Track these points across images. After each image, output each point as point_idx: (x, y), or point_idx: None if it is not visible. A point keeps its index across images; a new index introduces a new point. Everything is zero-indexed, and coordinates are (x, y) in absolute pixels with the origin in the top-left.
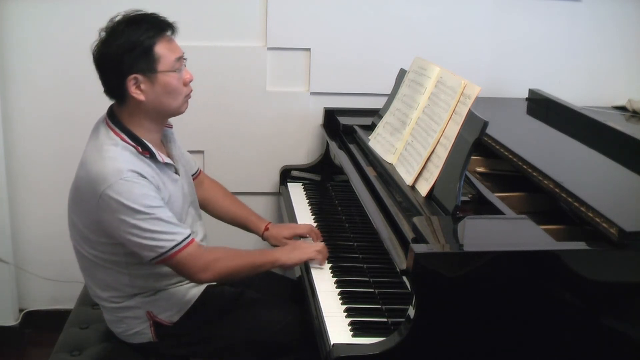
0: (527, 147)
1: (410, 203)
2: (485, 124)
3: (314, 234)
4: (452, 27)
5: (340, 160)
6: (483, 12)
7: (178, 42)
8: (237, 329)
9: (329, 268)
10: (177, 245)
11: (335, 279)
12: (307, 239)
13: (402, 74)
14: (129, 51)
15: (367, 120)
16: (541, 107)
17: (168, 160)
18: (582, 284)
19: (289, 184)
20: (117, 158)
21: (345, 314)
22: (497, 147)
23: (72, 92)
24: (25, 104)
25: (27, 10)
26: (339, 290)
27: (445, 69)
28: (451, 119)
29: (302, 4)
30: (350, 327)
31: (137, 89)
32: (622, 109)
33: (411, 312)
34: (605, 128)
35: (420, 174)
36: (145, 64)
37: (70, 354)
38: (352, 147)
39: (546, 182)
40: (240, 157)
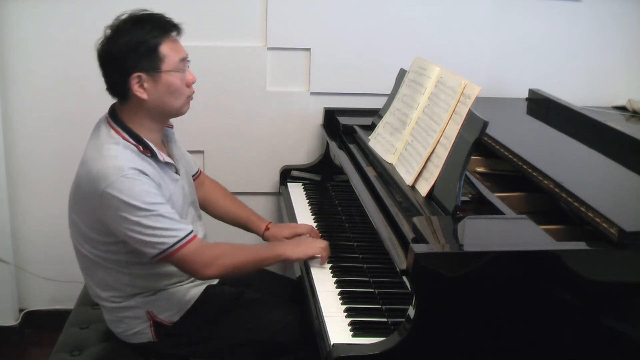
0: (527, 147)
1: (410, 203)
2: (485, 124)
3: (314, 234)
4: (452, 27)
5: (340, 160)
6: (483, 12)
7: None
8: (237, 329)
9: (329, 268)
10: (179, 241)
11: (335, 279)
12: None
13: (402, 74)
14: (133, 49)
15: (367, 120)
16: (541, 107)
17: (169, 160)
18: (582, 284)
19: (289, 184)
20: (118, 156)
21: (345, 314)
22: (497, 147)
23: (72, 92)
24: (25, 104)
25: (27, 10)
26: (339, 290)
27: (445, 69)
28: (451, 119)
29: (302, 4)
30: (350, 327)
31: (140, 87)
32: (622, 109)
33: (411, 312)
34: (605, 128)
35: (420, 174)
36: (150, 62)
37: (70, 354)
38: (352, 147)
39: (546, 182)
40: (240, 157)
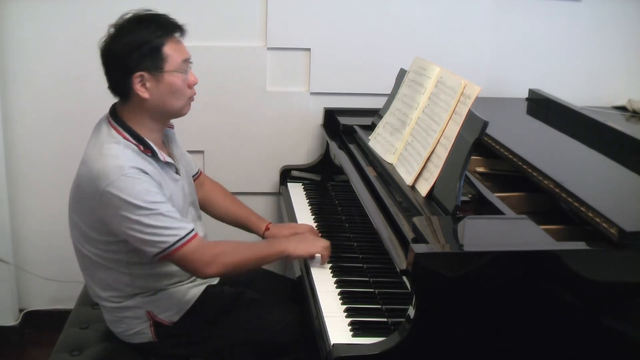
0: (527, 147)
1: (410, 203)
2: (485, 124)
3: (314, 234)
4: (452, 27)
5: (340, 160)
6: (483, 12)
7: None
8: (237, 329)
9: (329, 268)
10: (179, 240)
11: (335, 279)
12: None
13: (402, 74)
14: (137, 48)
15: (367, 120)
16: (541, 107)
17: (169, 160)
18: (582, 284)
19: (289, 184)
20: (118, 155)
21: (345, 314)
22: (497, 147)
23: (72, 92)
24: (25, 104)
25: (27, 10)
26: (339, 290)
27: (445, 69)
28: (451, 119)
29: (302, 4)
30: (350, 327)
31: (142, 86)
32: (622, 109)
33: (411, 312)
34: (605, 128)
35: (420, 174)
36: (153, 62)
37: (70, 354)
38: (352, 147)
39: (546, 182)
40: (240, 157)
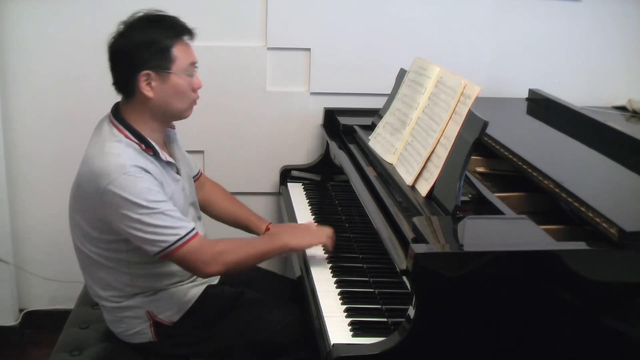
0: (527, 147)
1: (410, 203)
2: (485, 124)
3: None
4: (452, 27)
5: (340, 160)
6: (483, 12)
7: None
8: (237, 329)
9: (329, 268)
10: (180, 239)
11: (335, 279)
12: None
13: (402, 74)
14: (146, 47)
15: (367, 120)
16: (541, 107)
17: (170, 159)
18: (582, 284)
19: (289, 184)
20: (120, 154)
21: (345, 314)
22: (497, 147)
23: (72, 92)
24: (25, 104)
25: (27, 10)
26: (339, 290)
27: (445, 69)
28: (451, 119)
29: (302, 4)
30: (350, 327)
31: (148, 85)
32: (622, 109)
33: (411, 312)
34: (605, 128)
35: (420, 174)
36: (160, 62)
37: (70, 354)
38: (352, 147)
39: (546, 182)
40: (240, 157)
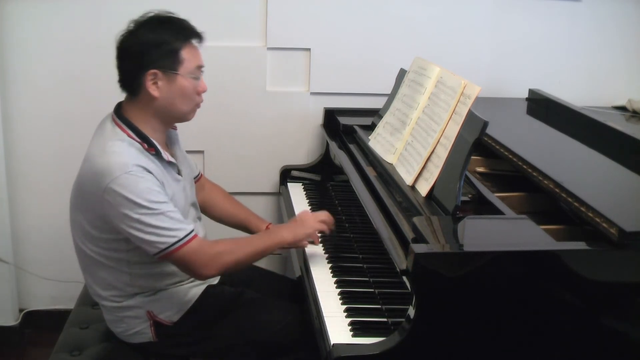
0: (527, 147)
1: (410, 203)
2: (485, 124)
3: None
4: (452, 27)
5: (340, 160)
6: (483, 12)
7: None
8: (237, 329)
9: (329, 268)
10: (178, 241)
11: (335, 279)
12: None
13: (402, 74)
14: (155, 47)
15: (367, 120)
16: (541, 107)
17: (172, 160)
18: (582, 284)
19: (289, 184)
20: (122, 153)
21: (345, 314)
22: (497, 147)
23: (72, 92)
24: (25, 104)
25: (27, 10)
26: (339, 290)
27: (445, 69)
28: (451, 119)
29: (302, 4)
30: (350, 327)
31: (154, 84)
32: (622, 109)
33: (411, 312)
34: (605, 128)
35: (420, 174)
36: (168, 62)
37: (70, 354)
38: (352, 147)
39: (546, 182)
40: (240, 157)
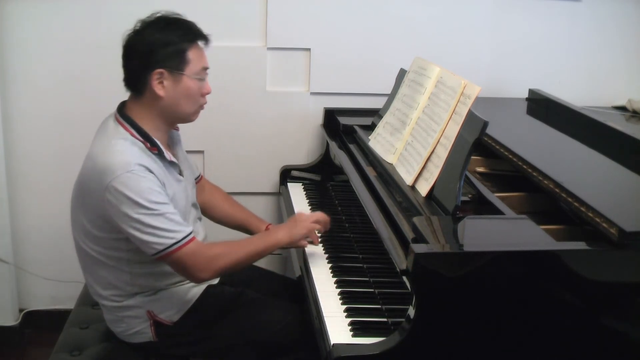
0: (527, 147)
1: (410, 203)
2: (485, 124)
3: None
4: (452, 27)
5: (340, 160)
6: (483, 12)
7: None
8: (237, 329)
9: (329, 268)
10: (176, 243)
11: (335, 279)
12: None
13: (402, 74)
14: (162, 46)
15: (367, 120)
16: (541, 107)
17: (174, 160)
18: (582, 284)
19: (289, 184)
20: (125, 152)
21: (345, 314)
22: (497, 147)
23: (72, 92)
24: (25, 104)
25: (27, 10)
26: (339, 290)
27: (445, 69)
28: (451, 119)
29: (302, 4)
30: (350, 327)
31: (160, 83)
32: (622, 109)
33: (411, 312)
34: (605, 128)
35: (420, 174)
36: (175, 62)
37: (70, 354)
38: (352, 147)
39: (546, 182)
40: (240, 157)
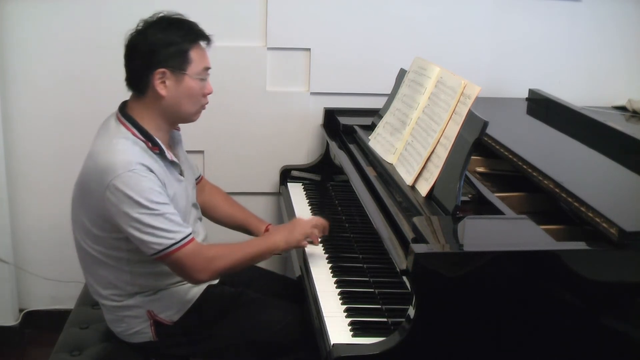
0: (527, 147)
1: (410, 203)
2: (485, 124)
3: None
4: (452, 27)
5: (340, 160)
6: (483, 12)
7: None
8: (237, 329)
9: (329, 268)
10: (175, 243)
11: (335, 279)
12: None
13: (402, 74)
14: (165, 46)
15: (367, 120)
16: (541, 107)
17: (175, 160)
18: (582, 284)
19: (289, 184)
20: (126, 151)
21: (345, 314)
22: (497, 147)
23: (72, 92)
24: (25, 104)
25: (27, 10)
26: (339, 290)
27: (445, 69)
28: (451, 119)
29: (302, 4)
30: (350, 327)
31: (162, 83)
32: (622, 109)
33: (411, 312)
34: (605, 128)
35: (420, 174)
36: (177, 62)
37: (70, 354)
38: (352, 147)
39: (546, 182)
40: (240, 157)
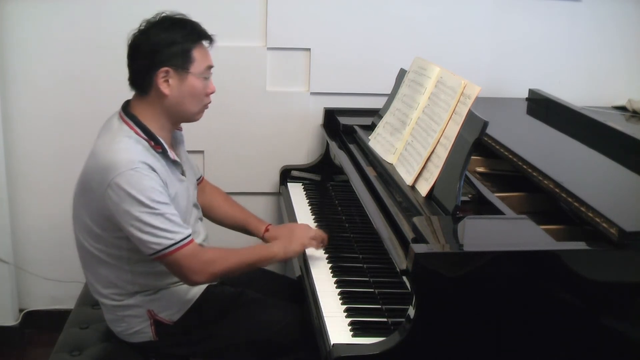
0: (527, 147)
1: (410, 203)
2: (485, 124)
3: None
4: (452, 27)
5: (340, 160)
6: (483, 12)
7: None
8: (237, 329)
9: (329, 268)
10: (174, 244)
11: (335, 279)
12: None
13: (402, 74)
14: (168, 45)
15: (367, 120)
16: (541, 107)
17: (177, 159)
18: (582, 284)
19: (289, 184)
20: (129, 149)
21: (345, 314)
22: (497, 147)
23: (72, 92)
24: (25, 104)
25: (27, 10)
26: (339, 290)
27: (445, 69)
28: (451, 119)
29: (302, 4)
30: (350, 327)
31: (165, 82)
32: (622, 109)
33: (411, 312)
34: (605, 128)
35: (420, 174)
36: (180, 61)
37: (70, 354)
38: (352, 147)
39: (546, 182)
40: (240, 157)
